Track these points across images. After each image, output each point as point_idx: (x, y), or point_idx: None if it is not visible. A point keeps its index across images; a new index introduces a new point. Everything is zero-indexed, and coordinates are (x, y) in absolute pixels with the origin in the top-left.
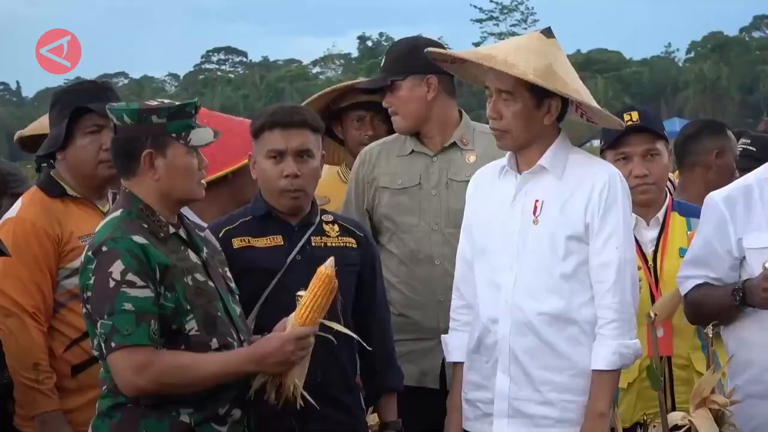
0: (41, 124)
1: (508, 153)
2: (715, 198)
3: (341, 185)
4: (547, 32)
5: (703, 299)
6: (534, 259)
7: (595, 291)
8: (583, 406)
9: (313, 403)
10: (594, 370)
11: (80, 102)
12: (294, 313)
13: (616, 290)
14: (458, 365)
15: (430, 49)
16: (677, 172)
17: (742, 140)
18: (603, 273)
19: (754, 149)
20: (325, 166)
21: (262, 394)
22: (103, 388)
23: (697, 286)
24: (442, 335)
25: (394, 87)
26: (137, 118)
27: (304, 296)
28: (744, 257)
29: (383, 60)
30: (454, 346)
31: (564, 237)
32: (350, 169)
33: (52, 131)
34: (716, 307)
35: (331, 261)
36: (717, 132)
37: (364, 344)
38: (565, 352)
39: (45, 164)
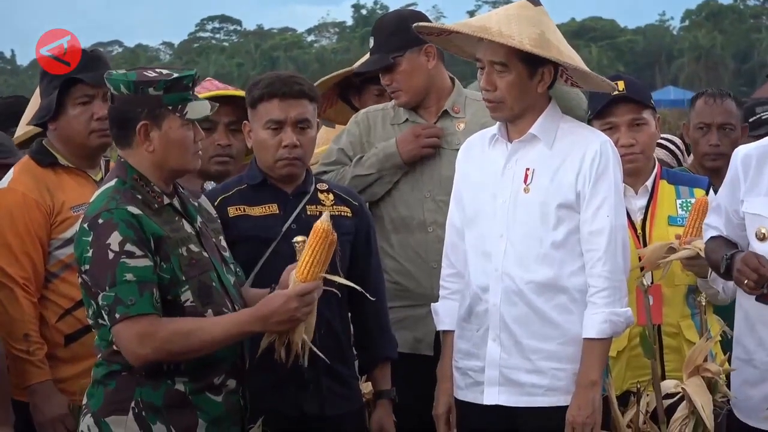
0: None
1: (499, 122)
2: (737, 153)
3: None
4: (534, 0)
5: (707, 254)
6: (524, 227)
7: (586, 259)
8: (573, 374)
9: (323, 357)
10: (585, 339)
11: (70, 72)
12: (294, 270)
13: (607, 258)
14: (448, 333)
15: (421, 24)
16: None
17: None
18: (594, 241)
19: None
20: (336, 126)
21: (256, 363)
22: (98, 356)
23: (712, 237)
24: (432, 304)
25: (394, 64)
26: (133, 89)
27: (303, 253)
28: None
29: (372, 41)
30: (445, 314)
31: (555, 205)
32: None
33: (42, 101)
34: (713, 266)
35: (326, 215)
36: (690, 105)
37: (368, 296)
38: (555, 320)
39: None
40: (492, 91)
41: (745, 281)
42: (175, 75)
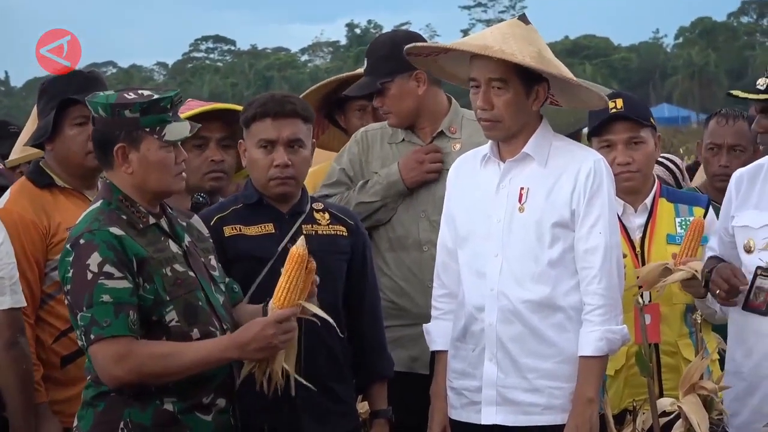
0: (25, 150)
1: (490, 141)
2: (733, 175)
3: None
4: (524, 19)
5: (703, 273)
6: (520, 246)
7: (581, 277)
8: (570, 392)
9: (308, 385)
10: (581, 356)
11: (67, 93)
12: (272, 297)
13: (603, 276)
14: (441, 353)
15: (416, 44)
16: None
17: None
18: (589, 259)
19: None
20: (324, 152)
21: (252, 384)
22: (88, 378)
23: (708, 258)
24: (424, 324)
25: (384, 88)
26: (110, 112)
27: (280, 279)
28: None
29: (366, 62)
30: (437, 334)
31: (550, 224)
32: None
33: (40, 122)
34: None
35: (302, 240)
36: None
37: (338, 329)
38: (552, 339)
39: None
40: (489, 110)
41: (717, 291)
42: (154, 97)
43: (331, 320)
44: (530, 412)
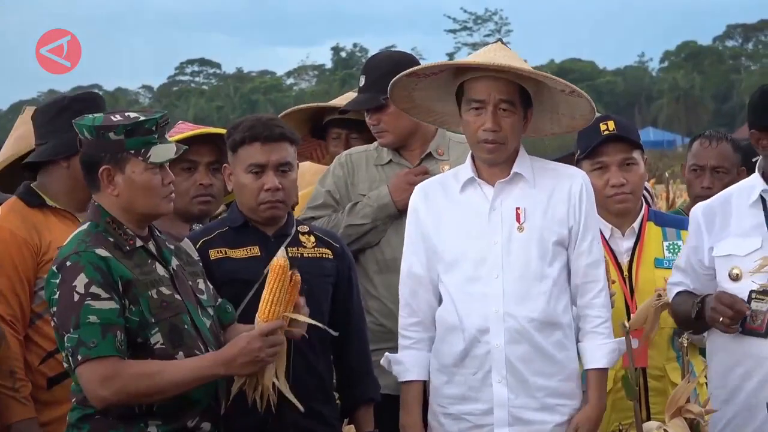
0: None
1: (469, 164)
2: (697, 208)
3: None
4: (504, 43)
5: (675, 308)
6: (523, 266)
7: (585, 291)
8: (573, 409)
9: (296, 402)
10: (593, 369)
11: (90, 111)
12: (257, 312)
13: (605, 289)
14: (415, 383)
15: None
16: (652, 181)
17: None
18: (593, 273)
19: None
20: (317, 165)
21: (237, 405)
22: (73, 400)
23: (678, 293)
24: (391, 355)
25: (384, 105)
26: (95, 134)
27: (263, 292)
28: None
29: (365, 78)
30: (412, 363)
31: (552, 241)
32: None
33: (61, 137)
34: (683, 317)
35: (281, 252)
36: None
37: (332, 332)
38: (555, 356)
39: None
40: (498, 131)
41: (721, 318)
42: (139, 119)
43: (322, 326)
44: (541, 430)
